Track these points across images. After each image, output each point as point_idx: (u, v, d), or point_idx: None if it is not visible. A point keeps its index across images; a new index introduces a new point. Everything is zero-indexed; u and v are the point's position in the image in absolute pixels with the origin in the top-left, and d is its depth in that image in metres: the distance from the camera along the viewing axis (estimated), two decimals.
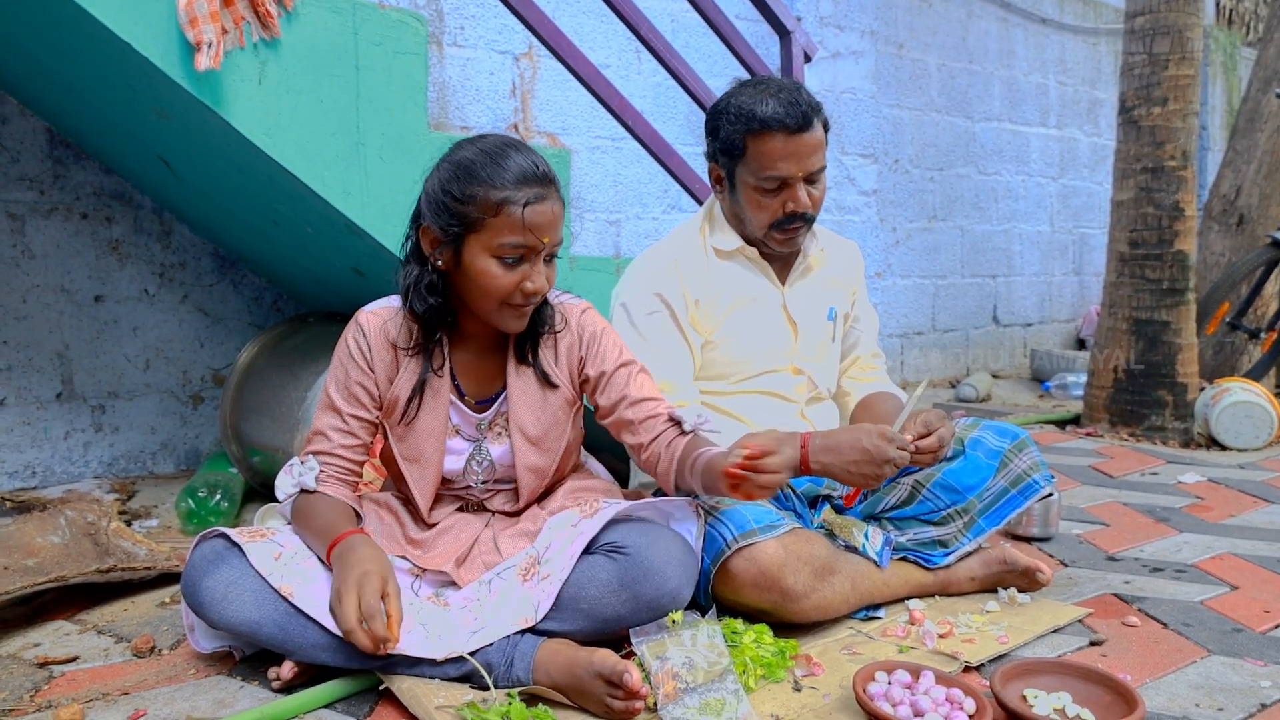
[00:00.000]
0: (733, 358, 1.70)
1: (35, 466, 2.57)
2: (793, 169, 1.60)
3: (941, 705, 1.20)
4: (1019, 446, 1.69)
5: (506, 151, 1.35)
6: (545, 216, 1.34)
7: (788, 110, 1.57)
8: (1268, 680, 1.35)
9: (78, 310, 2.60)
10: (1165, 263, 3.26)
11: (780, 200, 1.63)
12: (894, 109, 4.57)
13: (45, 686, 1.37)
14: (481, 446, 1.49)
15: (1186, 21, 3.23)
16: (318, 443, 1.45)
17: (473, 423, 1.49)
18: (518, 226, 1.32)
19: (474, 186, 1.33)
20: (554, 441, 1.50)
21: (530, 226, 1.33)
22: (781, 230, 1.66)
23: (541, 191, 1.34)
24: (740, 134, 1.61)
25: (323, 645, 1.30)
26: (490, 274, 1.35)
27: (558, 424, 1.49)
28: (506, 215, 1.32)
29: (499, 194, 1.32)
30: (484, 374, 1.49)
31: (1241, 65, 6.36)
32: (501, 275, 1.35)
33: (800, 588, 1.44)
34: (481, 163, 1.34)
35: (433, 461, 1.47)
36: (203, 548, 1.36)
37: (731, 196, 1.70)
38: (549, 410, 1.49)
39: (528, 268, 1.36)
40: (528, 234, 1.33)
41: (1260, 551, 1.95)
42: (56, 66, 1.97)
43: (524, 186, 1.33)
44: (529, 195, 1.33)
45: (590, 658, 1.22)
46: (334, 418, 1.45)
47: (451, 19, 3.17)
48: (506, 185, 1.32)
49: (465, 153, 1.37)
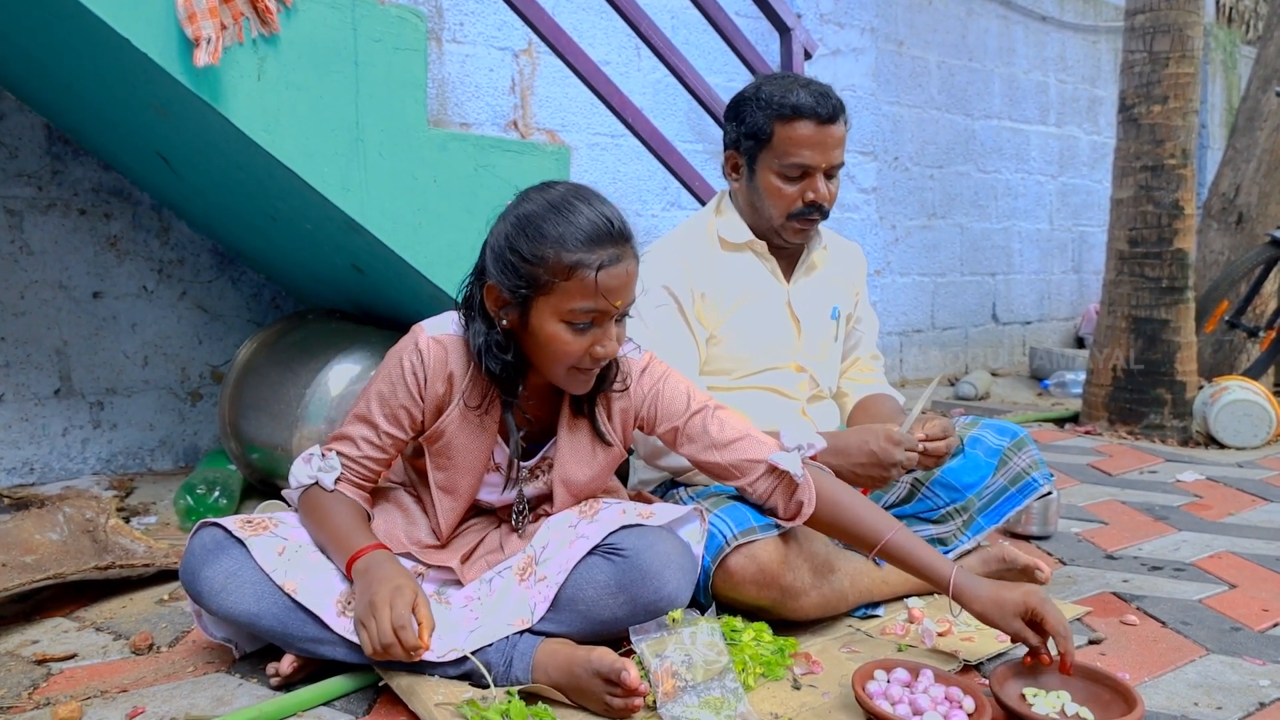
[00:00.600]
0: (736, 353, 1.70)
1: (33, 463, 2.57)
2: (817, 158, 1.62)
3: (940, 704, 1.20)
4: (1018, 445, 1.69)
5: (578, 207, 1.27)
6: (620, 279, 1.26)
7: (818, 101, 1.61)
8: (1266, 679, 1.35)
9: (76, 306, 2.60)
10: (1164, 261, 3.26)
11: (800, 189, 1.64)
12: (894, 106, 4.56)
13: (43, 684, 1.37)
14: (521, 492, 1.47)
15: (1187, 19, 3.23)
16: (344, 446, 1.41)
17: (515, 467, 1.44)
18: (591, 291, 1.24)
19: (544, 247, 1.24)
20: (593, 490, 1.48)
21: (604, 291, 1.25)
22: (799, 221, 1.67)
23: (617, 252, 1.26)
24: (769, 119, 1.63)
25: (322, 639, 1.30)
26: (560, 339, 1.28)
27: (600, 477, 1.47)
28: (579, 280, 1.24)
29: (572, 256, 1.24)
30: (537, 423, 1.44)
31: (1241, 63, 6.36)
32: (571, 341, 1.28)
33: (799, 585, 1.44)
34: (552, 220, 1.25)
35: (465, 495, 1.44)
36: (200, 536, 1.35)
37: (750, 184, 1.70)
38: (596, 464, 1.45)
39: (599, 332, 1.29)
40: (600, 299, 1.25)
41: (1259, 550, 1.96)
42: (55, 62, 1.97)
43: (597, 248, 1.24)
44: (603, 258, 1.24)
45: (589, 656, 1.21)
46: (368, 430, 1.40)
47: (451, 15, 3.16)
48: (579, 247, 1.24)
49: (533, 205, 1.28)
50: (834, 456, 1.51)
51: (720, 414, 1.44)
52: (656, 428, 1.45)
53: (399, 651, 1.20)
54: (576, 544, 1.33)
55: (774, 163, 1.64)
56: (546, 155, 2.12)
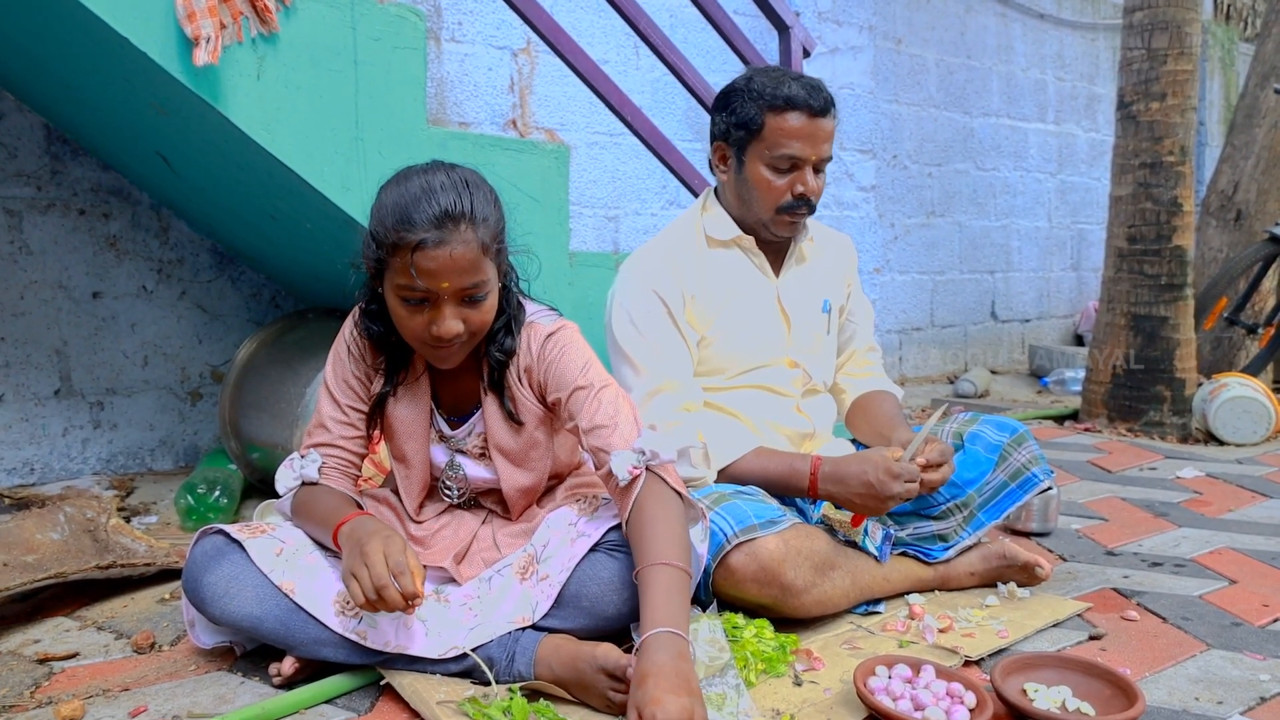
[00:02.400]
0: (727, 352, 1.70)
1: (33, 463, 2.57)
2: (807, 151, 1.62)
3: (942, 699, 1.20)
4: (1018, 440, 1.69)
5: (412, 186, 1.26)
6: (439, 261, 1.23)
7: (810, 93, 1.61)
8: (1266, 674, 1.35)
9: (76, 307, 2.60)
10: (1163, 258, 3.27)
11: (790, 182, 1.64)
12: (892, 104, 4.56)
13: (45, 683, 1.37)
14: (454, 461, 1.48)
15: (1185, 16, 3.23)
16: (319, 434, 1.46)
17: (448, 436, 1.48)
18: (407, 272, 1.24)
19: (375, 223, 1.27)
20: (538, 461, 1.47)
21: (421, 272, 1.23)
22: (787, 214, 1.67)
23: (439, 235, 1.23)
24: (761, 110, 1.62)
25: (324, 641, 1.30)
26: (399, 316, 1.30)
27: (536, 444, 1.46)
28: (400, 259, 1.24)
29: (393, 235, 1.24)
30: (461, 391, 1.47)
31: (1239, 61, 6.36)
32: (407, 317, 1.29)
33: (800, 583, 1.44)
34: (389, 196, 1.27)
35: (417, 463, 1.47)
36: (203, 544, 1.37)
37: (738, 176, 1.69)
38: (524, 433, 1.45)
39: (434, 311, 1.28)
40: (418, 279, 1.24)
41: (1259, 546, 1.96)
42: (54, 62, 1.97)
43: (417, 229, 1.23)
44: (424, 237, 1.22)
45: (593, 652, 1.21)
46: (333, 408, 1.46)
47: (449, 14, 3.16)
48: (398, 226, 1.24)
49: (385, 186, 1.30)
50: (834, 485, 1.53)
51: (604, 394, 1.37)
52: (548, 396, 1.42)
53: (393, 596, 1.17)
54: (578, 542, 1.34)
55: (764, 154, 1.64)
56: (545, 154, 2.12)
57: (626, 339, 1.64)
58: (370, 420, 1.46)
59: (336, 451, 1.44)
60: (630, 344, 1.64)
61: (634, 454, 1.31)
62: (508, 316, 1.41)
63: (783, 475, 1.59)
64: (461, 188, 1.28)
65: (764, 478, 1.60)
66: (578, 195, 3.50)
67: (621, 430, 1.34)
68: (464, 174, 1.31)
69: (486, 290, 1.31)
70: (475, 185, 1.31)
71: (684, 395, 1.63)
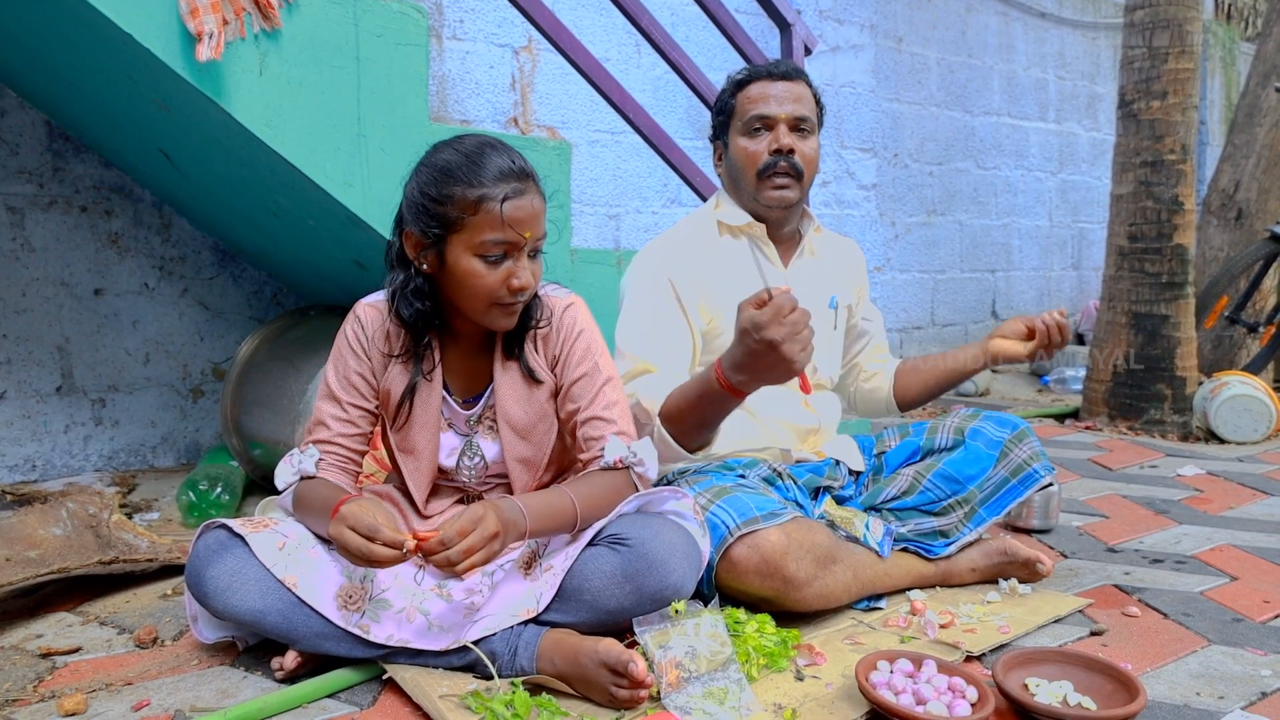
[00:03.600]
0: None
1: (35, 460, 2.57)
2: (773, 108, 1.68)
3: (944, 694, 1.21)
4: (1019, 437, 1.69)
5: (483, 150, 1.35)
6: (525, 211, 1.33)
7: (771, 65, 1.72)
8: (1268, 669, 1.35)
9: (77, 304, 2.60)
10: (1164, 256, 3.27)
11: (765, 144, 1.68)
12: (893, 103, 4.57)
13: (49, 677, 1.37)
14: (472, 442, 1.49)
15: (1186, 15, 3.23)
16: (318, 431, 1.46)
17: (462, 419, 1.49)
18: (497, 222, 1.31)
19: (451, 186, 1.32)
20: (543, 434, 1.49)
21: (510, 221, 1.32)
22: (769, 177, 1.68)
23: (520, 186, 1.33)
24: (732, 92, 1.73)
25: (326, 634, 1.30)
26: (476, 273, 1.34)
27: (545, 416, 1.48)
28: (486, 212, 1.31)
29: (476, 191, 1.31)
30: (472, 372, 1.49)
31: (1240, 60, 6.37)
32: (487, 274, 1.34)
33: (802, 575, 1.44)
34: (458, 163, 1.33)
35: (426, 455, 1.47)
36: (206, 538, 1.37)
37: (728, 162, 1.75)
38: (535, 403, 1.47)
39: (512, 264, 1.35)
40: (508, 229, 1.32)
41: (1259, 543, 1.96)
42: (56, 59, 1.97)
43: (501, 183, 1.32)
44: (506, 190, 1.32)
45: (595, 647, 1.22)
46: (334, 406, 1.46)
47: (451, 12, 3.16)
48: (484, 183, 1.31)
49: (442, 155, 1.36)
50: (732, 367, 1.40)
51: (608, 387, 1.45)
52: (556, 369, 1.48)
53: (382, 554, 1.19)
54: (582, 535, 1.34)
55: (739, 126, 1.71)
56: (548, 150, 2.12)
57: (627, 321, 1.67)
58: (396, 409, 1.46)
59: (335, 448, 1.45)
60: (628, 326, 1.66)
61: (627, 450, 1.41)
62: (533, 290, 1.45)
63: (697, 389, 1.49)
64: (510, 149, 1.37)
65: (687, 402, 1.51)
66: (579, 193, 3.50)
67: (621, 426, 1.44)
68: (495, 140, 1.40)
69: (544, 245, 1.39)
70: None
71: (664, 378, 1.60)
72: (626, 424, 1.45)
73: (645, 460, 1.42)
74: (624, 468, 1.41)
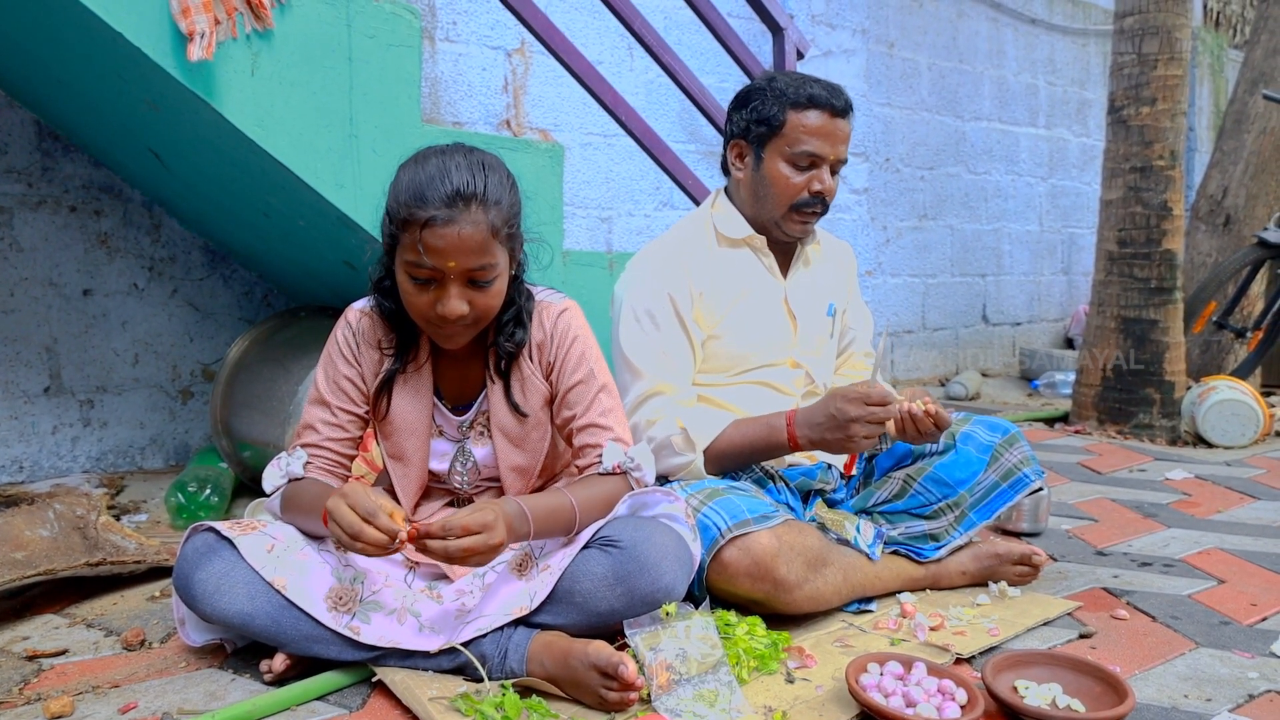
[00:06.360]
0: (734, 350, 1.71)
1: (23, 461, 2.56)
2: (826, 149, 1.66)
3: (933, 696, 1.21)
4: (1009, 441, 1.70)
5: (433, 168, 1.27)
6: (447, 240, 1.24)
7: (832, 94, 1.66)
8: (1255, 671, 1.36)
9: (66, 304, 2.59)
10: (1153, 262, 3.29)
11: (807, 180, 1.67)
12: (885, 108, 4.58)
13: (34, 679, 1.36)
14: (464, 448, 1.48)
15: (1175, 22, 3.25)
16: (307, 435, 1.45)
17: (454, 424, 1.48)
18: (415, 249, 1.25)
19: (393, 202, 1.28)
20: (537, 441, 1.48)
21: (428, 250, 1.24)
22: (801, 212, 1.69)
23: (449, 214, 1.24)
24: (783, 107, 1.66)
25: (315, 637, 1.30)
26: (408, 291, 1.31)
27: (539, 424, 1.47)
28: (408, 235, 1.26)
29: (404, 212, 1.26)
30: (465, 378, 1.48)
31: (1228, 67, 6.41)
32: (416, 295, 1.30)
33: (793, 578, 1.44)
34: (406, 179, 1.28)
35: (416, 461, 1.47)
36: (194, 541, 1.36)
37: (756, 173, 1.71)
38: (528, 408, 1.46)
39: (440, 290, 1.28)
40: (425, 257, 1.25)
41: (1247, 546, 1.97)
42: (46, 57, 1.96)
43: (428, 207, 1.24)
44: (431, 215, 1.23)
45: (585, 649, 1.22)
46: (323, 411, 1.45)
47: (444, 14, 3.16)
48: (412, 205, 1.25)
49: (404, 167, 1.31)
50: (808, 428, 1.56)
51: (603, 394, 1.44)
52: (552, 377, 1.45)
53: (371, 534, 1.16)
54: (575, 537, 1.34)
55: (784, 149, 1.66)
56: (540, 153, 2.12)
57: (631, 338, 1.65)
58: (374, 404, 1.45)
59: (323, 452, 1.44)
60: (635, 343, 1.64)
61: (624, 456, 1.41)
62: (517, 308, 1.41)
63: (763, 436, 1.61)
64: (477, 169, 1.29)
65: (747, 444, 1.62)
66: (571, 196, 3.50)
67: (618, 432, 1.44)
68: (483, 156, 1.33)
69: (494, 274, 1.31)
70: (491, 168, 1.31)
71: (678, 399, 1.64)
72: (622, 430, 1.45)
73: (643, 466, 1.42)
74: (622, 473, 1.41)
